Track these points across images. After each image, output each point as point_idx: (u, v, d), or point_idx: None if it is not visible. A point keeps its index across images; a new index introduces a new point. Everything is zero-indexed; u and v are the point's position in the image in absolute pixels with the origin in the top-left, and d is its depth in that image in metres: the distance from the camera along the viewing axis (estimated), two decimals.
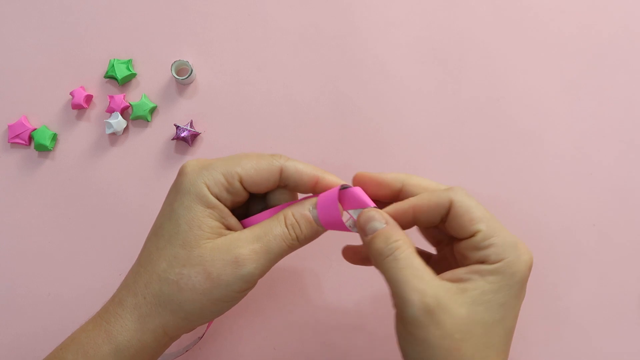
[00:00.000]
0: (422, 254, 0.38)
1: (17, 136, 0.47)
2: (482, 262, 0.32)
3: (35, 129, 0.47)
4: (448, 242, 0.37)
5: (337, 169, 0.46)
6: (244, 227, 0.36)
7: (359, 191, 0.35)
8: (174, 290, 0.33)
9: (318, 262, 0.46)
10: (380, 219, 0.34)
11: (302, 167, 0.35)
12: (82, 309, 0.45)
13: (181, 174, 0.34)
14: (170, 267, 0.33)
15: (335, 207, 0.34)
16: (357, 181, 0.36)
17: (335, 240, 0.39)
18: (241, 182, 0.34)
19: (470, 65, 0.48)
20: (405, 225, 0.35)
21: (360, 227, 0.34)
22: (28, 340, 0.45)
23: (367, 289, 0.45)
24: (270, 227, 0.34)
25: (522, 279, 0.32)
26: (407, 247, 0.33)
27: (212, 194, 0.33)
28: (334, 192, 0.34)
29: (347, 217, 0.35)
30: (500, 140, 0.47)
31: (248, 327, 0.46)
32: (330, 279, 0.46)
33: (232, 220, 0.35)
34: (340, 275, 0.45)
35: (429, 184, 0.35)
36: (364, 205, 0.34)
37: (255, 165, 0.34)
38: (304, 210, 0.35)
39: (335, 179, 0.35)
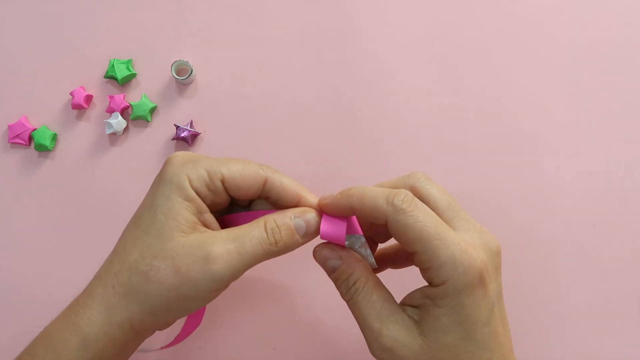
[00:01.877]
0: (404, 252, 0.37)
1: (17, 136, 0.47)
2: (430, 283, 0.32)
3: (35, 129, 0.47)
4: None
5: (336, 168, 0.47)
6: (223, 225, 0.36)
7: (354, 220, 0.35)
8: (142, 281, 0.32)
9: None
10: (335, 257, 0.34)
11: (287, 182, 0.34)
12: None
13: (166, 164, 0.34)
14: (142, 258, 0.32)
15: (342, 230, 0.34)
16: (321, 209, 0.35)
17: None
18: (223, 183, 0.34)
19: (470, 65, 0.48)
20: (347, 213, 0.34)
21: (320, 265, 0.35)
22: (28, 340, 0.45)
23: None
24: (249, 230, 0.33)
25: (472, 291, 0.30)
26: (364, 282, 0.33)
27: (192, 187, 0.33)
28: (342, 223, 0.34)
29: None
30: (500, 140, 0.47)
31: (248, 328, 0.45)
32: (330, 279, 0.46)
33: (209, 217, 0.34)
34: None
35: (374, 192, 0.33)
36: (354, 232, 0.34)
37: (241, 169, 0.34)
38: (285, 219, 0.34)
39: (316, 201, 0.35)
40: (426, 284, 0.32)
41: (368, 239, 0.36)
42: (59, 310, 0.45)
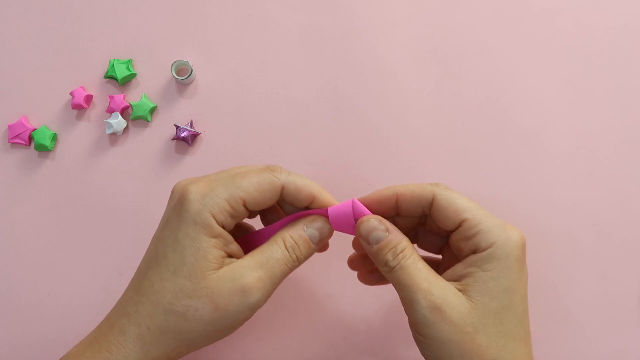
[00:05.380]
0: (429, 260, 0.39)
1: (17, 136, 0.47)
2: (475, 251, 0.33)
3: (35, 129, 0.47)
4: (448, 246, 0.37)
5: (337, 169, 0.47)
6: (242, 244, 0.36)
7: (359, 204, 0.36)
8: (180, 321, 0.33)
9: (318, 264, 0.46)
10: (382, 228, 0.34)
11: (300, 183, 0.35)
12: (82, 309, 0.45)
13: (184, 200, 0.34)
14: (176, 299, 0.33)
15: (351, 220, 0.36)
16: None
17: (335, 242, 0.39)
18: (244, 205, 0.34)
19: (470, 64, 0.48)
20: (388, 211, 0.36)
21: (363, 237, 0.35)
22: (28, 340, 0.45)
23: (368, 289, 0.45)
24: (272, 252, 0.34)
25: (518, 258, 0.33)
26: (411, 252, 0.34)
27: (217, 222, 0.33)
28: (347, 206, 0.36)
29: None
30: (500, 140, 0.47)
31: (248, 328, 0.45)
32: (330, 280, 0.46)
33: (234, 246, 0.35)
34: (340, 276, 0.45)
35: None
36: (363, 215, 0.35)
37: (257, 185, 0.34)
38: (300, 232, 0.35)
39: (330, 197, 0.36)
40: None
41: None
42: (59, 310, 0.45)
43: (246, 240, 0.38)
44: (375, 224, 0.34)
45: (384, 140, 0.47)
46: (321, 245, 0.36)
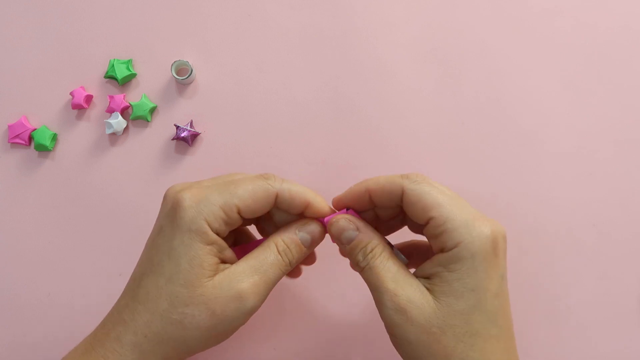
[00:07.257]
0: (420, 246, 0.39)
1: (17, 136, 0.47)
2: (442, 249, 0.32)
3: (35, 129, 0.47)
4: None
5: (337, 169, 0.47)
6: (237, 253, 0.36)
7: (353, 213, 0.36)
8: (177, 329, 0.33)
9: (318, 263, 0.46)
10: (352, 228, 0.35)
11: (295, 190, 0.35)
12: (82, 309, 0.45)
13: (178, 207, 0.34)
14: (173, 307, 0.33)
15: None
16: (337, 204, 0.37)
17: (335, 244, 0.40)
18: (239, 213, 0.34)
19: (470, 64, 0.48)
20: (364, 206, 0.36)
21: (335, 238, 0.36)
22: (28, 340, 0.45)
23: (367, 288, 0.45)
24: (265, 257, 0.34)
25: (485, 257, 0.32)
26: (381, 251, 0.34)
27: (212, 229, 0.33)
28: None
29: None
30: (500, 140, 0.47)
31: (248, 328, 0.45)
32: (330, 280, 0.46)
33: (228, 252, 0.35)
34: (340, 276, 0.45)
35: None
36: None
37: (251, 193, 0.34)
38: (292, 235, 0.36)
39: (324, 203, 0.36)
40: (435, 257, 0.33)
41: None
42: (59, 310, 0.45)
43: (242, 249, 0.38)
44: (344, 224, 0.35)
45: (384, 140, 0.47)
46: (313, 247, 0.37)
